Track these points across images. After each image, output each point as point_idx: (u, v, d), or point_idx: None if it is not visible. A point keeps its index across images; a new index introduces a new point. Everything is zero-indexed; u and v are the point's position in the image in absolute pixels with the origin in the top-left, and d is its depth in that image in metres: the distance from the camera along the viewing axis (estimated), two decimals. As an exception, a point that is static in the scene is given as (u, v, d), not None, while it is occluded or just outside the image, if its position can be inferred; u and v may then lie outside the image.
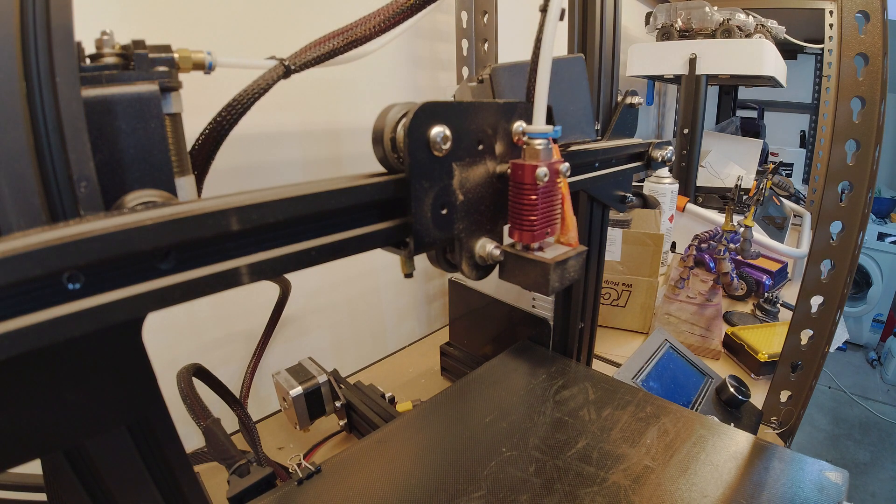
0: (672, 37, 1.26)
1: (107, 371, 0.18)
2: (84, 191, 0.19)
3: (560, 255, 0.30)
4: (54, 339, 0.14)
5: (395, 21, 0.36)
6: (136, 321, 0.18)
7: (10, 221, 0.18)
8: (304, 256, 0.21)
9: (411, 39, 0.82)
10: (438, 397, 0.48)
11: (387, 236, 0.25)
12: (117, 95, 0.23)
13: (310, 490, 0.37)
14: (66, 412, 0.17)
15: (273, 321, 0.62)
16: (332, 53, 0.35)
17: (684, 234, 1.13)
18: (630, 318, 0.88)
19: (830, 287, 0.56)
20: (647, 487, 0.36)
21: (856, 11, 0.50)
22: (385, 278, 0.85)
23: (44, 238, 0.14)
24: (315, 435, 0.62)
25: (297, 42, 0.35)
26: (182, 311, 0.60)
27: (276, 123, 0.65)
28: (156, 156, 0.24)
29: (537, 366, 0.52)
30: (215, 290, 0.18)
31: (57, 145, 0.19)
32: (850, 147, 0.52)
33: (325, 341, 0.78)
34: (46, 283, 0.14)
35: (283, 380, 0.58)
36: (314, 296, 0.75)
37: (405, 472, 0.38)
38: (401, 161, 0.26)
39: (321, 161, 0.71)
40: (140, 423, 0.22)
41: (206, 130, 0.32)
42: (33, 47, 0.18)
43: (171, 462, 0.24)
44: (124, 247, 0.15)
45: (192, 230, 0.17)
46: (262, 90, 0.33)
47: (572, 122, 0.43)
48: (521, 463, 0.38)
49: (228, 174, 0.60)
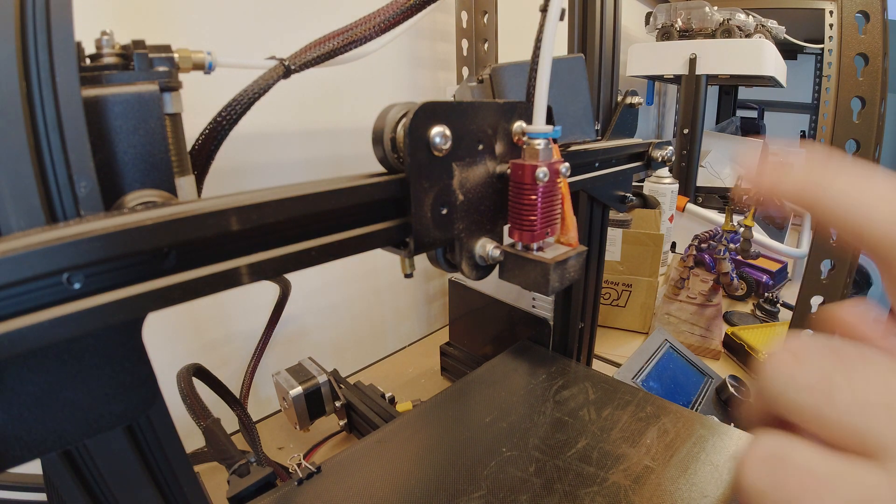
0: (672, 37, 1.26)
1: (107, 371, 0.18)
2: (84, 191, 0.19)
3: (560, 255, 0.30)
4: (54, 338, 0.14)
5: (395, 21, 0.36)
6: (136, 321, 0.18)
7: (9, 221, 0.18)
8: (304, 256, 0.21)
9: (411, 39, 0.82)
10: (438, 397, 0.48)
11: (387, 236, 0.25)
12: (117, 95, 0.23)
13: (310, 490, 0.37)
14: (65, 412, 0.17)
15: (273, 321, 0.62)
16: (332, 53, 0.35)
17: (684, 234, 1.13)
18: (630, 318, 0.88)
19: (830, 287, 0.56)
20: (647, 487, 0.36)
21: (856, 11, 0.50)
22: (385, 278, 0.85)
23: (44, 238, 0.14)
24: (315, 435, 0.62)
25: (297, 42, 0.35)
26: (182, 311, 0.60)
27: (276, 123, 0.65)
28: (156, 156, 0.24)
29: (537, 366, 0.52)
30: (215, 290, 0.18)
31: (57, 145, 0.19)
32: (850, 147, 0.52)
33: (325, 341, 0.78)
34: (46, 283, 0.14)
35: (283, 380, 0.58)
36: (314, 296, 0.75)
37: (405, 472, 0.38)
38: (401, 161, 0.26)
39: (321, 161, 0.71)
40: (140, 423, 0.22)
41: (206, 130, 0.32)
42: (33, 47, 0.18)
43: (171, 462, 0.24)
44: (124, 247, 0.15)
45: (192, 230, 0.17)
46: (262, 90, 0.33)
47: (572, 122, 0.43)
48: (521, 463, 0.38)
49: (228, 174, 0.60)
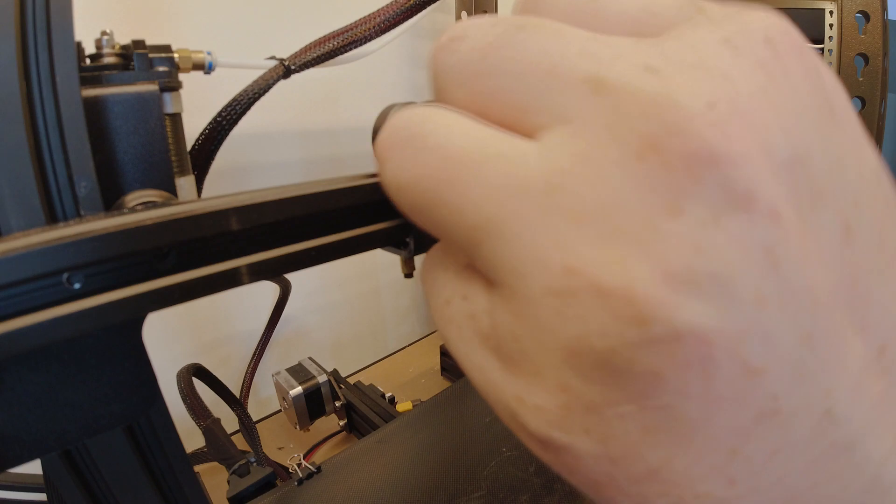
0: (672, 37, 1.26)
1: (107, 371, 0.18)
2: (84, 191, 0.19)
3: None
4: (54, 339, 0.14)
5: (395, 21, 0.36)
6: (136, 321, 0.18)
7: (9, 221, 0.18)
8: (304, 256, 0.21)
9: (411, 39, 0.82)
10: (438, 397, 0.48)
11: (387, 236, 0.25)
12: (117, 95, 0.23)
13: (310, 490, 0.37)
14: (65, 412, 0.17)
15: (273, 321, 0.62)
16: (332, 53, 0.35)
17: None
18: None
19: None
20: (647, 487, 0.36)
21: (856, 11, 0.50)
22: (385, 278, 0.85)
23: (44, 238, 0.14)
24: (315, 435, 0.62)
25: (297, 42, 0.35)
26: (182, 311, 0.60)
27: (276, 123, 0.65)
28: (156, 156, 0.24)
29: (537, 366, 0.52)
30: (215, 290, 0.18)
31: (57, 145, 0.19)
32: (850, 147, 0.52)
33: (325, 341, 0.78)
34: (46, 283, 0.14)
35: (283, 380, 0.58)
36: (314, 296, 0.75)
37: (405, 471, 0.38)
38: (401, 161, 0.26)
39: (321, 161, 0.71)
40: (140, 423, 0.22)
41: (206, 130, 0.32)
42: (33, 47, 0.18)
43: (171, 462, 0.24)
44: (124, 247, 0.15)
45: (192, 230, 0.17)
46: (262, 90, 0.33)
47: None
48: (521, 463, 0.38)
49: (228, 174, 0.60)
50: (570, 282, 0.09)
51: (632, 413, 0.09)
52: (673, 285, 0.08)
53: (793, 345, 0.09)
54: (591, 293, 0.09)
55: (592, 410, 0.09)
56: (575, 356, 0.09)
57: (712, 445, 0.09)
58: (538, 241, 0.09)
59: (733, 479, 0.09)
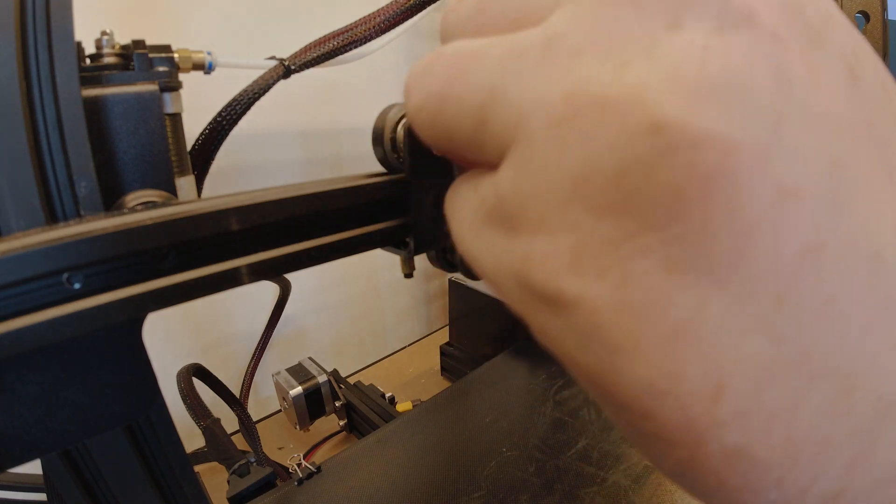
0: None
1: (107, 371, 0.18)
2: (84, 191, 0.19)
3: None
4: (54, 339, 0.14)
5: (395, 21, 0.36)
6: (136, 321, 0.18)
7: (9, 221, 0.18)
8: (304, 256, 0.21)
9: (411, 39, 0.82)
10: (438, 397, 0.48)
11: (387, 236, 0.25)
12: (117, 95, 0.23)
13: (310, 490, 0.37)
14: (65, 412, 0.17)
15: (273, 321, 0.62)
16: (332, 53, 0.35)
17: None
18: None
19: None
20: (648, 487, 0.36)
21: (856, 11, 0.50)
22: (385, 278, 0.85)
23: (44, 238, 0.14)
24: (315, 435, 0.62)
25: (297, 42, 0.35)
26: (182, 311, 0.60)
27: (276, 123, 0.65)
28: (156, 156, 0.24)
29: (537, 366, 0.52)
30: (215, 290, 0.18)
31: (57, 145, 0.19)
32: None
33: (325, 341, 0.78)
34: (46, 282, 0.14)
35: (283, 380, 0.58)
36: (314, 296, 0.75)
37: (405, 472, 0.38)
38: (401, 161, 0.26)
39: (321, 161, 0.71)
40: (140, 423, 0.22)
41: (206, 130, 0.32)
42: (33, 47, 0.18)
43: (171, 462, 0.24)
44: (124, 247, 0.15)
45: (192, 230, 0.17)
46: (262, 90, 0.33)
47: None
48: (521, 463, 0.38)
49: (228, 174, 0.60)
50: (570, 105, 0.08)
51: (652, 245, 0.08)
52: (683, 91, 0.07)
53: (823, 167, 0.07)
54: (593, 108, 0.08)
55: (606, 247, 0.08)
56: (582, 184, 0.08)
57: (754, 287, 0.07)
58: (539, 87, 0.09)
59: (780, 336, 0.08)
